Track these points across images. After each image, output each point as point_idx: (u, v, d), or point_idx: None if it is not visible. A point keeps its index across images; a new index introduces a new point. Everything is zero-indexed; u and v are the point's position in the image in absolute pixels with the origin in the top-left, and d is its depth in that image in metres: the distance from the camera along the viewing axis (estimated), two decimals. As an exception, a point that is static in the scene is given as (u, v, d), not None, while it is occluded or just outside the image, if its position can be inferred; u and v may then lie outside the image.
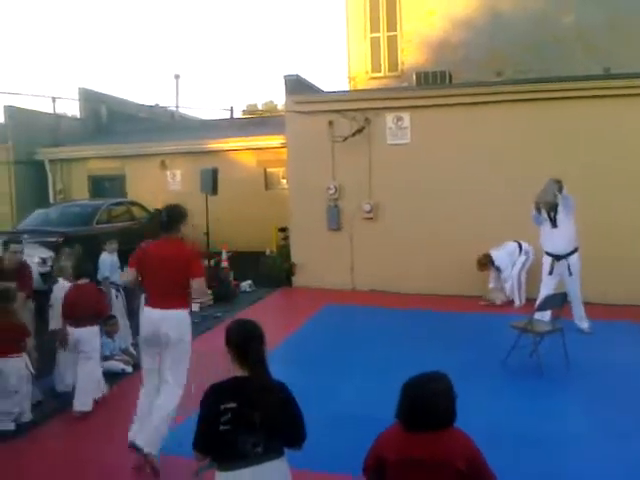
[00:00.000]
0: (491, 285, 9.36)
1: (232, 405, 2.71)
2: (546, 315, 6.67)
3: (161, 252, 4.39)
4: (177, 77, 24.98)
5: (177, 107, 24.17)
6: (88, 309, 5.52)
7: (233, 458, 2.71)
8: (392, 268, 10.12)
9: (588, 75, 10.30)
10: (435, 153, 10.06)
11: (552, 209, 7.28)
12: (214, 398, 2.78)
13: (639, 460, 4.39)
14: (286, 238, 11.53)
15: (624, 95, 9.27)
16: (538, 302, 6.66)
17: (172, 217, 4.48)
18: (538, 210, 7.38)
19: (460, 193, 9.86)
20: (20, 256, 6.17)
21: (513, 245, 9.23)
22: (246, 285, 10.58)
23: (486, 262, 9.27)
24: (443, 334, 7.64)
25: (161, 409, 4.28)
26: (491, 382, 5.94)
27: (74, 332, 5.48)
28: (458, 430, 2.67)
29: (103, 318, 6.05)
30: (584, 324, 7.53)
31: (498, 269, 9.22)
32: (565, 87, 9.61)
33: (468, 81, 12.54)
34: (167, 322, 4.27)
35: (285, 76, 11.20)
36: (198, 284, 4.35)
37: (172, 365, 4.34)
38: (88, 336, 5.48)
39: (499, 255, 9.21)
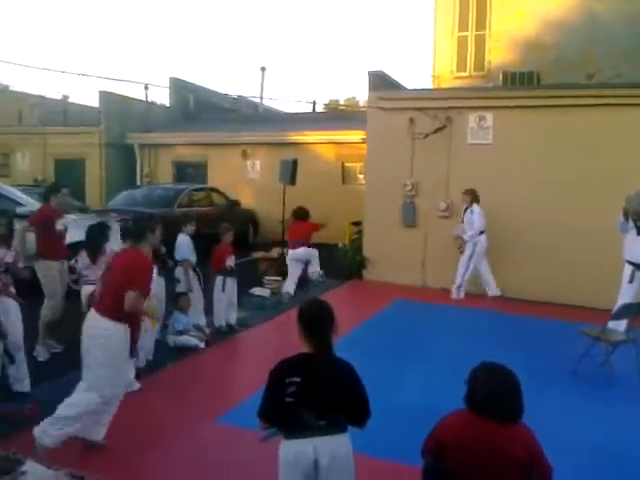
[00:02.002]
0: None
1: (297, 379, 2.86)
2: (621, 325, 6.45)
3: None
4: (263, 69, 25.49)
5: (261, 99, 24.67)
6: None
7: (297, 429, 2.85)
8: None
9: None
10: (517, 155, 9.84)
11: (639, 216, 7.02)
12: (281, 371, 2.93)
13: None
14: (359, 232, 11.62)
15: None
16: (614, 310, 6.45)
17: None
18: (625, 217, 7.14)
19: (542, 198, 9.62)
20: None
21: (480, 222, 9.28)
22: (317, 275, 10.73)
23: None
24: (512, 336, 7.54)
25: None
26: (559, 389, 5.81)
27: None
28: (523, 424, 2.70)
29: None
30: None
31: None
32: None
33: (557, 83, 12.20)
34: None
35: (369, 72, 11.26)
36: None
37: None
38: None
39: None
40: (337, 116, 20.75)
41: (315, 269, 9.96)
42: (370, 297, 9.94)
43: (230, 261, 7.52)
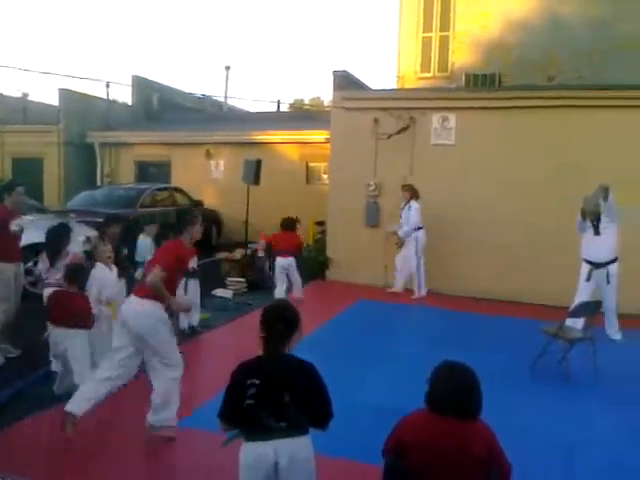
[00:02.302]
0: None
1: (256, 381, 2.84)
2: (579, 322, 6.58)
3: None
4: (227, 68, 25.28)
5: (226, 98, 24.49)
6: None
7: (257, 431, 2.83)
8: (427, 266, 10.08)
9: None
10: (479, 156, 9.98)
11: (596, 216, 7.18)
12: (241, 373, 2.92)
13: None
14: (323, 232, 11.62)
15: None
16: (572, 308, 6.58)
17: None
18: (583, 216, 7.30)
19: (504, 198, 9.77)
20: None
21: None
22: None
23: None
24: (473, 334, 7.63)
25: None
26: (517, 385, 5.91)
27: None
28: (481, 421, 2.73)
29: None
30: (617, 335, 7.42)
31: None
32: (620, 95, 9.42)
33: (518, 84, 12.40)
34: None
35: (334, 72, 11.28)
36: None
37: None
38: None
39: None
40: (302, 116, 20.74)
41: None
42: (333, 297, 9.94)
43: (192, 262, 7.42)
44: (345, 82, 11.31)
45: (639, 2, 13.05)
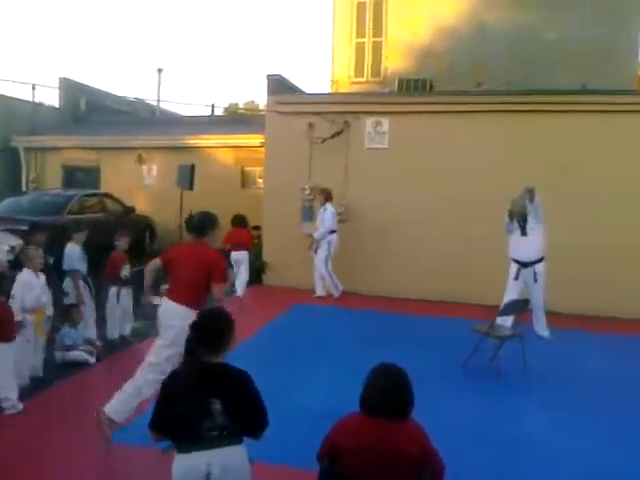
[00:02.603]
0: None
1: (187, 390, 2.78)
2: (508, 320, 6.78)
3: (189, 253, 4.75)
4: (160, 71, 24.77)
5: (158, 101, 24.00)
6: None
7: (189, 441, 2.77)
8: (363, 270, 10.19)
9: (567, 89, 10.49)
10: (412, 159, 10.17)
11: (523, 218, 7.43)
12: (171, 382, 2.86)
13: (588, 459, 4.53)
14: (259, 236, 11.53)
15: (600, 111, 9.50)
16: (501, 307, 6.78)
17: (204, 223, 4.77)
18: (511, 218, 7.53)
19: (435, 199, 9.98)
20: None
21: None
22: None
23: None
24: (408, 335, 7.74)
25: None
26: (451, 384, 6.04)
27: None
28: (413, 421, 2.75)
29: None
30: (545, 332, 7.70)
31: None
32: (543, 100, 9.81)
33: (448, 90, 12.71)
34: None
35: (268, 76, 11.26)
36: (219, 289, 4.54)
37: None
38: None
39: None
40: (236, 120, 20.53)
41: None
42: (270, 302, 9.89)
43: (125, 270, 7.22)
44: (279, 86, 11.29)
45: (564, 9, 13.63)
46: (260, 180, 14.27)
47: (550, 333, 7.72)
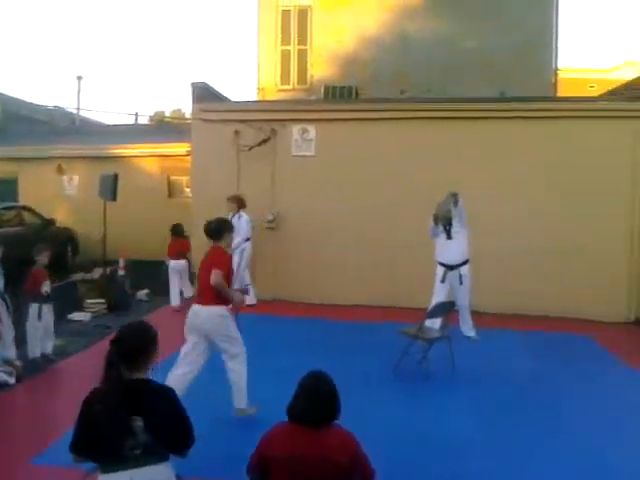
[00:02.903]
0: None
1: (107, 408, 2.67)
2: (437, 322, 6.94)
3: (205, 259, 5.43)
4: (79, 78, 24.04)
5: (78, 109, 23.23)
6: None
7: (112, 461, 2.67)
8: (294, 277, 10.19)
9: (486, 97, 10.87)
10: (339, 166, 10.25)
11: (448, 221, 7.63)
12: (91, 400, 2.74)
13: (515, 457, 4.67)
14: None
15: (518, 117, 9.91)
16: (429, 309, 6.92)
17: (220, 227, 5.51)
18: (436, 222, 7.71)
19: (363, 206, 10.10)
20: None
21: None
22: (143, 294, 10.29)
23: None
24: (337, 341, 7.79)
25: (236, 373, 5.29)
26: (381, 387, 6.10)
27: None
28: (339, 427, 2.76)
29: None
30: (471, 332, 7.92)
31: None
32: (464, 108, 10.11)
33: (373, 97, 12.93)
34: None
35: (192, 83, 11.10)
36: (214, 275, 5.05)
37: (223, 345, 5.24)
38: None
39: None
40: (162, 128, 20.20)
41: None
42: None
43: (46, 286, 6.92)
44: (204, 94, 11.15)
45: (481, 19, 14.16)
46: (188, 189, 14.05)
47: (476, 333, 7.95)
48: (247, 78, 72.14)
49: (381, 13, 14.82)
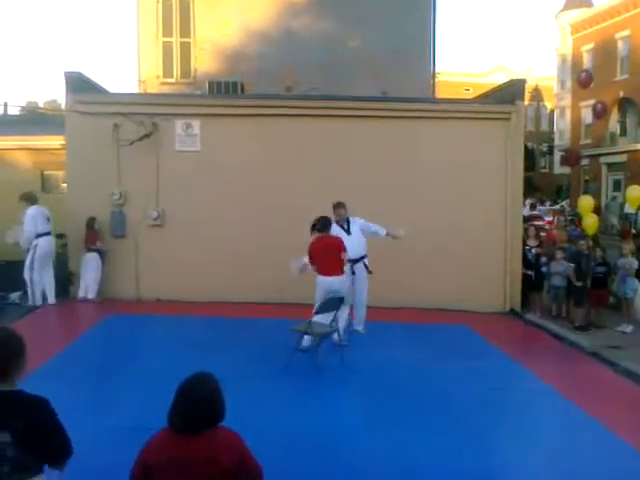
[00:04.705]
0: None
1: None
2: (328, 317, 6.96)
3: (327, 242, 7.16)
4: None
5: (-64, 98, 21.22)
6: None
7: None
8: (180, 276, 9.89)
9: (369, 97, 11.14)
10: (225, 161, 10.08)
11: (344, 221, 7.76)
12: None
13: (399, 446, 4.78)
14: (64, 245, 10.65)
15: (397, 117, 10.24)
16: (319, 305, 6.94)
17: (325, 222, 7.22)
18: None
19: (249, 201, 10.01)
20: None
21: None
22: (16, 297, 9.58)
23: None
24: (230, 340, 7.65)
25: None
26: (270, 384, 6.03)
27: None
28: (223, 428, 2.68)
29: None
30: (359, 326, 8.07)
31: None
32: (348, 106, 10.30)
33: (259, 93, 12.85)
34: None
35: (66, 73, 10.39)
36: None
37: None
38: None
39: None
40: (34, 120, 18.88)
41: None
42: (77, 316, 9.23)
43: None
44: (80, 84, 10.48)
45: (365, 19, 14.50)
46: (64, 185, 13.25)
47: (364, 327, 8.10)
48: (128, 70, 69.37)
49: (267, 8, 14.80)
